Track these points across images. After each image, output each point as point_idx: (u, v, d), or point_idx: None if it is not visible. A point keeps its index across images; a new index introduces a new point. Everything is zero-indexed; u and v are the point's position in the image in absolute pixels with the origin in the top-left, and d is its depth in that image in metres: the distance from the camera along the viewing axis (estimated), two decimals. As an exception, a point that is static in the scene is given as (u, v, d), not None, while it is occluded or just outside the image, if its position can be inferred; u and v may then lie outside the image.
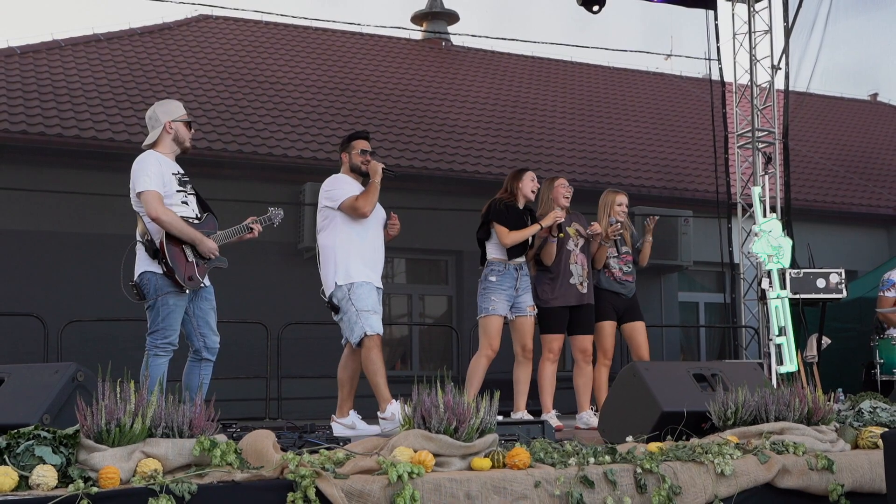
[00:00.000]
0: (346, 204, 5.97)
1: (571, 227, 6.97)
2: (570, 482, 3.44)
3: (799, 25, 11.72)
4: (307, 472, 3.09)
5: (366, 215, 5.98)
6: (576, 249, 6.93)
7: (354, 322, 5.85)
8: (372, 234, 6.10)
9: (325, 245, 6.05)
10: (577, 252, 6.92)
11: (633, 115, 16.55)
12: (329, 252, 6.00)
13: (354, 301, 5.86)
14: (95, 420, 3.09)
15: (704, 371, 4.83)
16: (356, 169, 6.14)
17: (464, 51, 17.61)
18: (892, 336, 8.25)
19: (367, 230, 6.06)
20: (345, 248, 5.96)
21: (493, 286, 6.60)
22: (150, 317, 5.05)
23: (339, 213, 6.01)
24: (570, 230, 6.95)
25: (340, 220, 6.01)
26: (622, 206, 7.25)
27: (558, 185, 6.97)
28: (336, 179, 6.17)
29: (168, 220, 5.03)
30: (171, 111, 5.28)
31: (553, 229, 6.71)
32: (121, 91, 12.37)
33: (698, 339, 14.72)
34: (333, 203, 6.03)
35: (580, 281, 6.87)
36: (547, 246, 6.77)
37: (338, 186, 6.09)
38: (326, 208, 6.09)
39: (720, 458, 3.73)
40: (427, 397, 3.52)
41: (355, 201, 5.95)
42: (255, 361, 9.50)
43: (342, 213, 6.00)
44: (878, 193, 15.83)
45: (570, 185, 7.04)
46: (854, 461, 4.01)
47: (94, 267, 9.95)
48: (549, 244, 6.76)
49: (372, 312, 5.87)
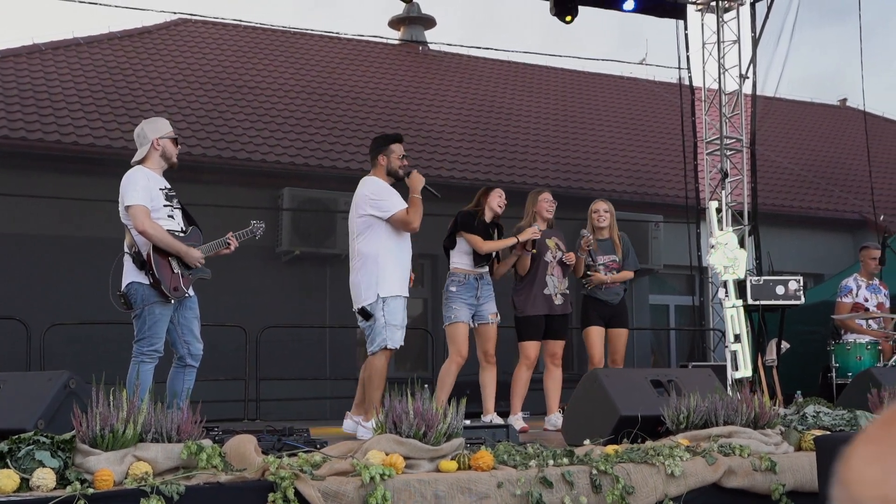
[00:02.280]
0: (396, 217, 6.03)
1: (551, 240, 7.24)
2: (531, 483, 3.72)
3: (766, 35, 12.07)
4: (287, 473, 3.36)
5: (416, 230, 6.10)
6: (553, 262, 7.20)
7: (379, 332, 6.01)
8: (407, 242, 6.20)
9: (365, 252, 6.07)
10: (554, 264, 7.20)
11: (606, 120, 16.86)
12: (370, 260, 6.04)
13: (387, 313, 6.00)
14: (91, 426, 3.34)
15: (661, 377, 5.13)
16: (394, 173, 6.19)
17: (440, 55, 17.85)
18: (847, 341, 8.58)
19: (405, 242, 6.16)
20: (385, 259, 6.04)
21: (453, 296, 6.83)
22: (137, 325, 5.29)
23: (384, 223, 6.06)
24: (550, 243, 7.22)
25: (385, 231, 6.07)
26: (597, 212, 7.53)
27: (542, 199, 7.24)
28: (381, 187, 6.16)
29: (155, 233, 5.27)
30: (158, 128, 5.52)
31: (528, 243, 6.99)
32: (101, 96, 12.53)
33: (668, 341, 15.05)
34: (383, 213, 6.05)
35: (555, 292, 7.15)
36: (522, 258, 7.05)
37: (386, 196, 6.10)
38: (370, 216, 6.07)
39: (671, 460, 4.01)
40: (398, 404, 3.79)
41: (406, 215, 6.03)
42: (233, 363, 9.71)
43: (388, 224, 6.06)
44: (845, 198, 16.20)
45: (554, 200, 7.31)
46: (796, 462, 4.32)
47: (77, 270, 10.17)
48: (524, 257, 7.04)
49: (398, 328, 6.04)
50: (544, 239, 7.13)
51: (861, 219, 15.52)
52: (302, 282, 11.79)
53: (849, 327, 8.79)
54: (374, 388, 6.03)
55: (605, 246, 7.52)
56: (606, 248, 7.52)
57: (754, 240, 11.81)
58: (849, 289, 8.98)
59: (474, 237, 6.81)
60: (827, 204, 16.02)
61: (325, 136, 13.23)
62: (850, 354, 8.37)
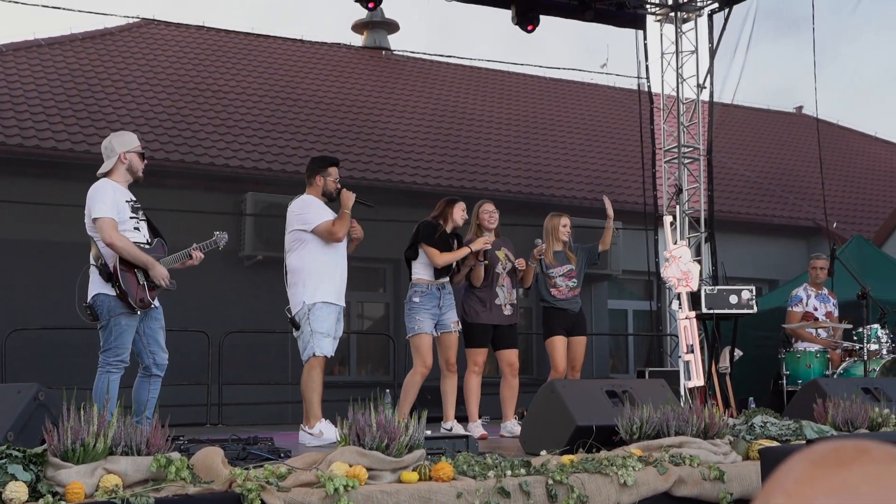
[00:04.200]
0: (321, 228, 6.29)
1: (501, 251, 7.39)
2: (489, 493, 3.86)
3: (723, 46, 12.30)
4: (253, 485, 3.47)
5: (340, 240, 6.33)
6: (503, 273, 7.36)
7: (307, 341, 6.26)
8: (340, 254, 6.42)
9: (293, 267, 6.37)
10: (504, 275, 7.36)
11: (567, 127, 17.06)
12: (298, 274, 6.33)
13: (312, 321, 6.24)
14: (62, 440, 3.43)
15: (616, 388, 5.30)
16: (328, 194, 6.48)
17: (403, 60, 17.96)
18: (797, 349, 8.83)
19: (337, 252, 6.38)
20: (313, 270, 6.28)
21: (417, 307, 6.95)
22: (104, 336, 5.36)
23: (311, 236, 6.32)
24: (500, 254, 7.38)
25: (314, 244, 6.32)
26: (566, 227, 7.72)
27: (483, 210, 7.38)
28: (307, 203, 6.46)
29: (122, 245, 5.35)
30: (126, 142, 5.60)
31: (479, 253, 7.14)
32: (63, 98, 12.50)
33: (627, 345, 15.29)
34: (307, 226, 6.32)
35: (505, 302, 7.32)
36: (475, 269, 7.20)
37: (311, 210, 6.38)
38: (298, 231, 6.37)
39: (623, 470, 4.17)
40: (362, 417, 3.92)
41: (332, 226, 6.28)
42: (196, 368, 9.76)
43: (314, 236, 6.31)
44: (799, 206, 16.53)
45: (495, 210, 7.45)
46: (743, 472, 4.50)
47: (38, 275, 10.17)
48: (478, 267, 7.19)
49: (325, 335, 6.24)
50: (493, 250, 7.29)
51: (815, 226, 15.83)
52: (265, 287, 11.83)
53: (799, 336, 9.03)
54: (309, 395, 6.27)
55: (560, 257, 7.71)
56: (561, 259, 7.71)
57: (710, 247, 12.05)
58: (799, 298, 9.22)
59: (432, 250, 6.96)
60: (781, 211, 16.33)
61: (289, 141, 13.30)
62: (800, 363, 8.61)
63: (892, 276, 11.06)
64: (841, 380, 7.38)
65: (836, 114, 31.40)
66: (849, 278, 8.97)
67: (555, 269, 7.63)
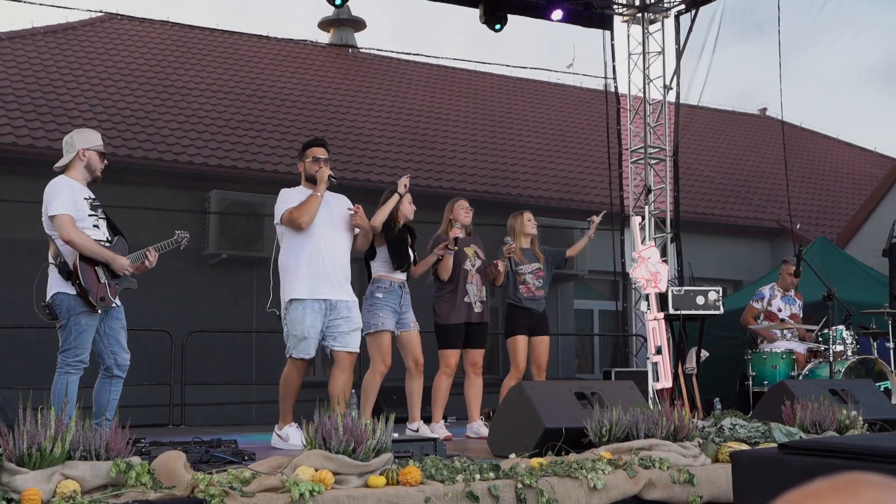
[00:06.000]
0: (284, 218, 5.94)
1: (470, 248, 7.33)
2: (458, 497, 3.80)
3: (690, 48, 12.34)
4: (216, 491, 3.38)
5: (302, 227, 5.87)
6: (472, 270, 7.29)
7: (286, 342, 6.00)
8: (324, 242, 5.98)
9: (280, 263, 6.07)
10: (473, 272, 7.29)
11: (533, 127, 17.05)
12: (281, 272, 6.04)
13: (289, 322, 5.96)
14: (17, 444, 3.32)
15: (585, 390, 5.25)
16: (310, 178, 6.06)
17: (370, 58, 17.87)
18: (763, 350, 8.85)
19: (318, 240, 5.95)
20: (287, 266, 5.98)
21: (379, 302, 6.70)
22: (62, 336, 5.22)
23: (283, 229, 5.99)
24: (469, 251, 7.31)
25: (286, 236, 6.01)
26: (531, 220, 7.69)
27: (458, 206, 7.34)
28: (281, 193, 6.10)
29: (80, 241, 5.21)
30: (87, 139, 5.46)
31: (450, 242, 7.05)
32: (24, 93, 12.29)
33: (592, 346, 15.30)
34: (277, 219, 6.02)
35: (474, 300, 7.25)
36: (444, 259, 7.11)
37: (281, 200, 6.03)
38: (277, 226, 6.06)
39: (593, 474, 4.12)
40: (328, 420, 3.83)
41: (290, 213, 5.91)
42: (159, 368, 9.62)
43: (287, 228, 5.97)
44: (763, 207, 16.64)
45: (470, 207, 7.40)
46: (713, 475, 4.47)
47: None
48: (447, 257, 7.10)
49: (300, 338, 5.91)
50: (463, 247, 7.22)
51: (779, 227, 15.95)
52: (229, 285, 11.72)
53: (765, 336, 9.06)
54: (283, 397, 6.08)
55: (529, 254, 7.69)
56: (530, 256, 7.69)
57: (676, 247, 12.08)
58: (762, 295, 9.28)
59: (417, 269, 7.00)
60: (746, 212, 16.43)
61: (254, 139, 13.16)
62: (766, 363, 8.63)
63: (855, 277, 11.15)
64: (808, 381, 7.39)
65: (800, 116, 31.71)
66: (814, 279, 9.02)
67: (524, 265, 7.60)
